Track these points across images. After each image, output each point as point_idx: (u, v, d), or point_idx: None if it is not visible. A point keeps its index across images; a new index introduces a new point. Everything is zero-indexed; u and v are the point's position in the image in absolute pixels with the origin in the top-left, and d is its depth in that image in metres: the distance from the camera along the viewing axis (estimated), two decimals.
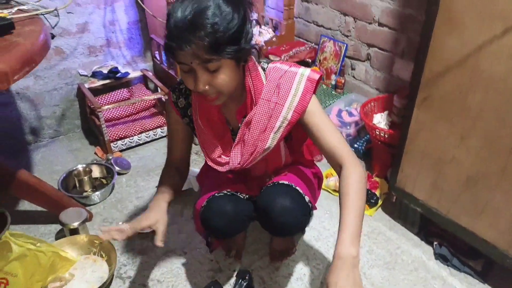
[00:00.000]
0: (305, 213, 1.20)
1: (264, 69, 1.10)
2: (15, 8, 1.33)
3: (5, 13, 1.23)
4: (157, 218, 1.07)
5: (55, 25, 1.67)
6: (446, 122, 1.28)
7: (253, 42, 0.99)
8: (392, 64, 1.91)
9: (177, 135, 1.24)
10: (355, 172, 1.01)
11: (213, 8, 0.88)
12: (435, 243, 1.49)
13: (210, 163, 1.19)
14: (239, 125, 1.14)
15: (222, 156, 1.17)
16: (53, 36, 1.40)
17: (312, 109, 1.07)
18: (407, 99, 1.43)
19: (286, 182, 1.21)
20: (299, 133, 1.22)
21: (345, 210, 0.97)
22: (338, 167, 1.05)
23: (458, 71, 1.20)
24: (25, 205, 1.75)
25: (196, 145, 2.17)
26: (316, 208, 1.34)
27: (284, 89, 1.06)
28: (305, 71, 1.08)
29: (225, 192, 1.23)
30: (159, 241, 1.05)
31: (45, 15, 1.39)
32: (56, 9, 1.39)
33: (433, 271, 1.44)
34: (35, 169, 1.99)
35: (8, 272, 1.23)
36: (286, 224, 1.16)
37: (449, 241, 1.47)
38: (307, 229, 1.59)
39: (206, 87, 0.95)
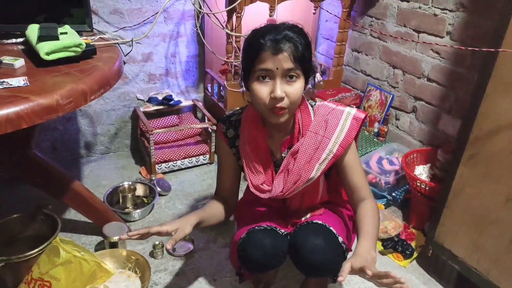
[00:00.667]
0: (338, 253, 1.21)
1: (312, 106, 1.21)
2: (97, 36, 1.49)
3: (89, 39, 1.38)
4: (179, 226, 1.11)
5: (128, 53, 1.83)
6: (493, 182, 1.28)
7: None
8: (439, 119, 1.92)
9: (226, 166, 1.32)
10: (375, 206, 1.19)
11: (294, 31, 1.07)
12: None
13: (252, 189, 1.25)
14: (283, 155, 1.22)
15: (264, 184, 1.24)
16: (124, 63, 1.54)
17: (352, 150, 1.19)
18: (451, 154, 1.44)
19: (320, 222, 1.23)
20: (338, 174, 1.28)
21: (364, 225, 1.13)
22: (358, 202, 1.20)
23: (509, 132, 1.21)
24: (71, 214, 1.85)
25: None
26: (351, 250, 1.34)
27: (332, 124, 1.17)
28: (352, 110, 1.20)
29: (265, 226, 1.27)
30: (169, 243, 1.06)
31: (120, 45, 1.54)
32: (132, 40, 1.54)
33: None
34: (84, 181, 2.12)
35: (53, 276, 1.29)
36: (317, 262, 1.17)
37: None
38: None
39: (283, 95, 1.05)
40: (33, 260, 1.33)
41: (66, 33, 1.29)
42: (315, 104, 1.23)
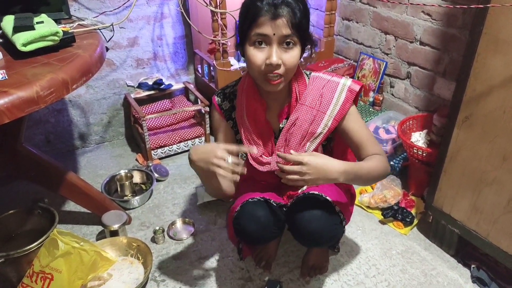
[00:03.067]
0: (335, 222, 1.21)
1: (307, 75, 1.20)
2: (76, 23, 1.45)
3: (67, 27, 1.34)
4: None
5: (110, 39, 1.79)
6: (488, 142, 1.26)
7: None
8: (433, 83, 1.89)
9: (223, 140, 1.30)
10: (384, 159, 1.17)
11: None
12: (472, 266, 1.44)
13: (252, 161, 1.25)
14: (281, 126, 1.22)
15: (263, 156, 1.24)
16: (107, 49, 1.50)
17: (350, 115, 1.18)
18: (447, 118, 1.42)
19: (316, 192, 1.23)
20: (340, 145, 1.26)
21: (362, 163, 1.15)
22: (365, 157, 1.18)
23: (502, 91, 1.18)
24: (70, 206, 1.85)
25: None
26: (348, 221, 1.35)
27: (327, 98, 1.16)
28: (347, 81, 1.18)
29: (258, 198, 1.26)
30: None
31: (101, 30, 1.50)
32: (112, 25, 1.50)
33: None
34: (81, 172, 2.12)
35: (54, 268, 1.30)
36: (314, 231, 1.17)
37: (488, 264, 1.42)
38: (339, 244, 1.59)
39: (280, 61, 1.03)
40: (32, 254, 1.34)
41: (42, 22, 1.25)
42: (310, 74, 1.21)
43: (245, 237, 1.27)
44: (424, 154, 1.66)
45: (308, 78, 1.20)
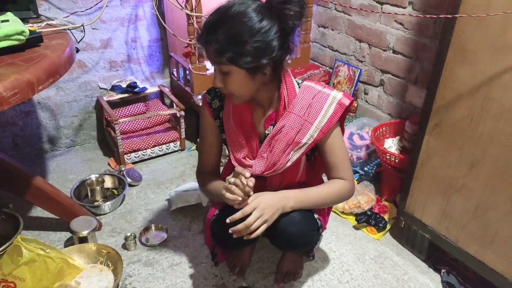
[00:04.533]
0: (312, 228, 1.22)
1: (298, 84, 1.19)
2: (44, 23, 1.40)
3: (34, 27, 1.30)
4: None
5: (80, 40, 1.74)
6: (457, 149, 1.29)
7: (285, 56, 1.09)
8: (405, 90, 1.93)
9: (209, 139, 1.31)
10: (344, 187, 1.18)
11: (237, 19, 0.99)
12: (443, 270, 1.47)
13: (234, 162, 1.25)
14: (266, 132, 1.22)
15: (247, 158, 1.24)
16: (77, 50, 1.46)
17: (334, 133, 1.17)
18: (418, 125, 1.44)
19: None
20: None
21: (317, 187, 1.17)
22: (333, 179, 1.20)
23: (469, 99, 1.22)
24: (38, 212, 1.79)
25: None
26: (325, 228, 1.35)
27: (315, 109, 1.15)
28: (338, 95, 1.17)
29: None
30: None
31: (71, 30, 1.46)
32: (82, 25, 1.46)
33: None
34: (49, 177, 2.04)
35: (17, 276, 1.25)
36: (291, 234, 1.17)
37: (458, 269, 1.45)
38: None
39: (221, 85, 1.07)
40: None
41: (8, 20, 1.21)
42: (302, 83, 1.19)
43: (222, 241, 1.25)
44: (396, 160, 1.68)
45: (299, 87, 1.19)
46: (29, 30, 1.19)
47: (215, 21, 1.01)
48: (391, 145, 1.80)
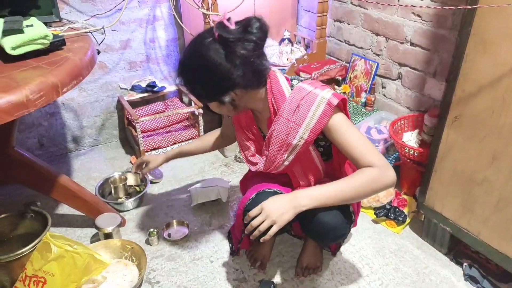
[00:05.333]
0: (347, 221, 1.23)
1: (292, 86, 1.20)
2: (67, 26, 1.45)
3: (57, 30, 1.34)
4: (154, 159, 1.59)
5: (101, 42, 1.78)
6: (477, 142, 1.27)
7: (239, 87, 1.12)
8: (424, 83, 1.90)
9: (226, 125, 1.55)
10: (376, 172, 1.08)
11: (193, 64, 1.13)
12: (465, 264, 1.45)
13: (245, 160, 1.37)
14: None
15: (256, 155, 1.32)
16: (98, 52, 1.50)
17: (334, 127, 1.13)
18: (438, 118, 1.43)
19: None
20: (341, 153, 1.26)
21: (336, 181, 1.11)
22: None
23: (490, 91, 1.20)
24: (64, 209, 1.85)
25: (226, 157, 2.23)
26: (356, 225, 1.36)
27: (303, 110, 1.14)
28: (327, 94, 1.13)
29: (275, 189, 1.30)
30: (134, 168, 1.62)
31: (92, 33, 1.50)
32: (103, 28, 1.49)
33: None
34: (74, 175, 2.11)
35: (47, 272, 1.30)
36: (328, 224, 1.18)
37: (480, 262, 1.44)
38: None
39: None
40: (25, 258, 1.34)
41: (32, 25, 1.25)
42: (297, 84, 1.19)
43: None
44: (415, 154, 1.67)
45: (292, 89, 1.19)
46: (52, 34, 1.23)
47: (179, 65, 1.17)
48: (410, 138, 1.78)
